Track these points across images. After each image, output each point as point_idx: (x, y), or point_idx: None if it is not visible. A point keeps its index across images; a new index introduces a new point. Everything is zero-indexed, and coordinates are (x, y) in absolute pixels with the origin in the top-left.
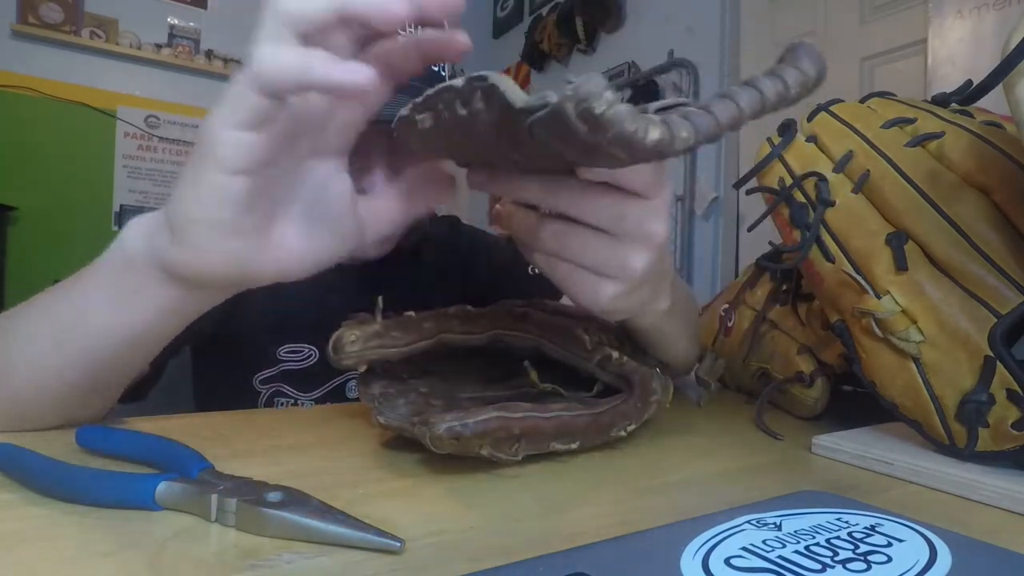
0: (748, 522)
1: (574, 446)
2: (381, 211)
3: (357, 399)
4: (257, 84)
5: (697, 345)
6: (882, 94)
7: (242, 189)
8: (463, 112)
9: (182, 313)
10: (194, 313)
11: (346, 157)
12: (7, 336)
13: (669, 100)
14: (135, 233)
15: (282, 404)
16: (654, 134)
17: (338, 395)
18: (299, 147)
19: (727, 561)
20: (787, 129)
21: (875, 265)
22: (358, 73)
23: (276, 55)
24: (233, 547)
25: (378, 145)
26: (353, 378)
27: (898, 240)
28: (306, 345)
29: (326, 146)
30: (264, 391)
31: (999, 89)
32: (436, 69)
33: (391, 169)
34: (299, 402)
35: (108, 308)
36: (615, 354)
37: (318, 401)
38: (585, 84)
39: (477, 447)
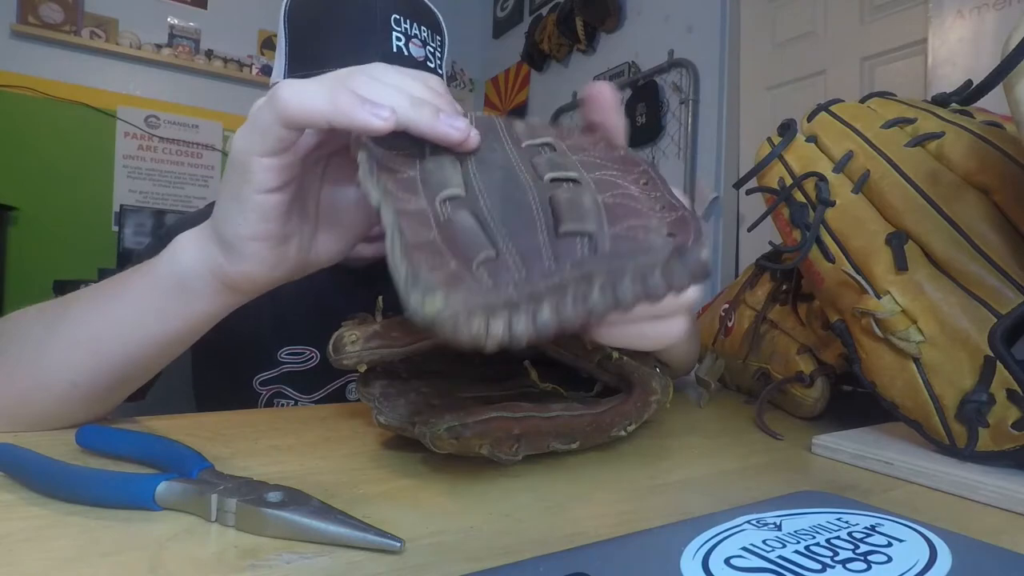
0: (748, 522)
1: (574, 446)
2: None
3: (358, 401)
4: (283, 120)
5: (697, 344)
6: (882, 94)
7: (280, 203)
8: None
9: (221, 316)
10: (229, 312)
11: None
12: (30, 340)
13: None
14: (188, 253)
15: (282, 406)
16: (476, 332)
17: (339, 397)
18: (318, 155)
19: (727, 561)
20: (787, 129)
21: (875, 265)
22: (379, 116)
23: (302, 93)
24: (233, 547)
25: None
26: (354, 381)
27: (898, 240)
28: (307, 347)
29: (335, 149)
30: (264, 392)
31: (999, 89)
32: (432, 67)
33: None
34: (299, 404)
35: (155, 321)
36: (615, 354)
37: (318, 403)
38: (413, 291)
39: (477, 447)
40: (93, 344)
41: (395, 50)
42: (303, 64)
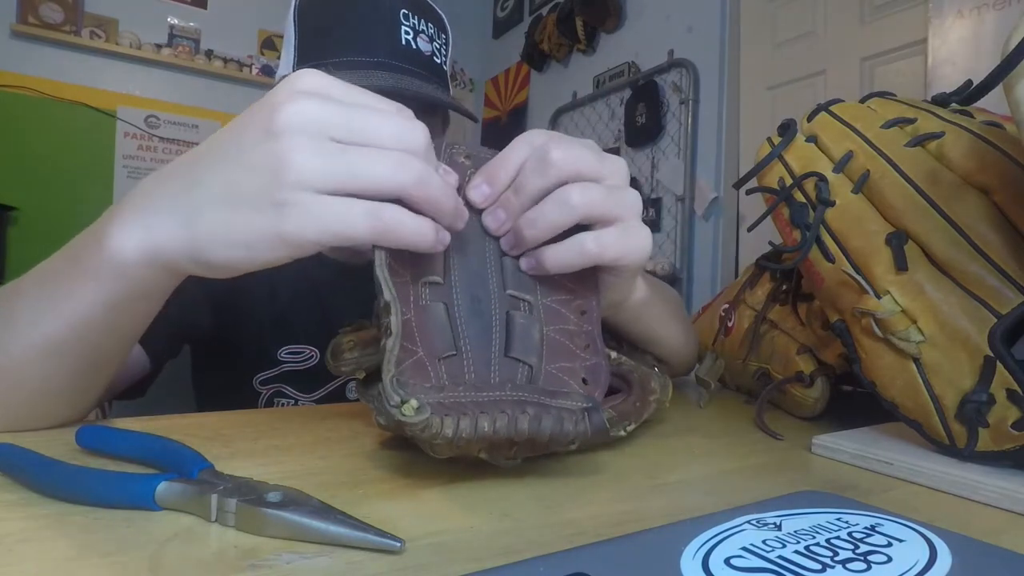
0: (748, 522)
1: (573, 447)
2: None
3: (358, 401)
4: (338, 235)
5: (692, 337)
6: (882, 94)
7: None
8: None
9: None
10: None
11: None
12: None
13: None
14: (130, 254)
15: (283, 405)
16: (434, 431)
17: (339, 396)
18: None
19: (727, 561)
20: (787, 129)
21: (875, 265)
22: (441, 241)
23: (351, 213)
24: (233, 547)
25: None
26: (354, 379)
27: (898, 240)
28: (307, 346)
29: None
30: (264, 392)
31: (999, 89)
32: (439, 62)
33: None
34: (300, 402)
35: (112, 314)
36: (613, 354)
37: (318, 402)
38: (385, 405)
39: (476, 451)
40: (52, 346)
41: (403, 43)
42: (312, 56)
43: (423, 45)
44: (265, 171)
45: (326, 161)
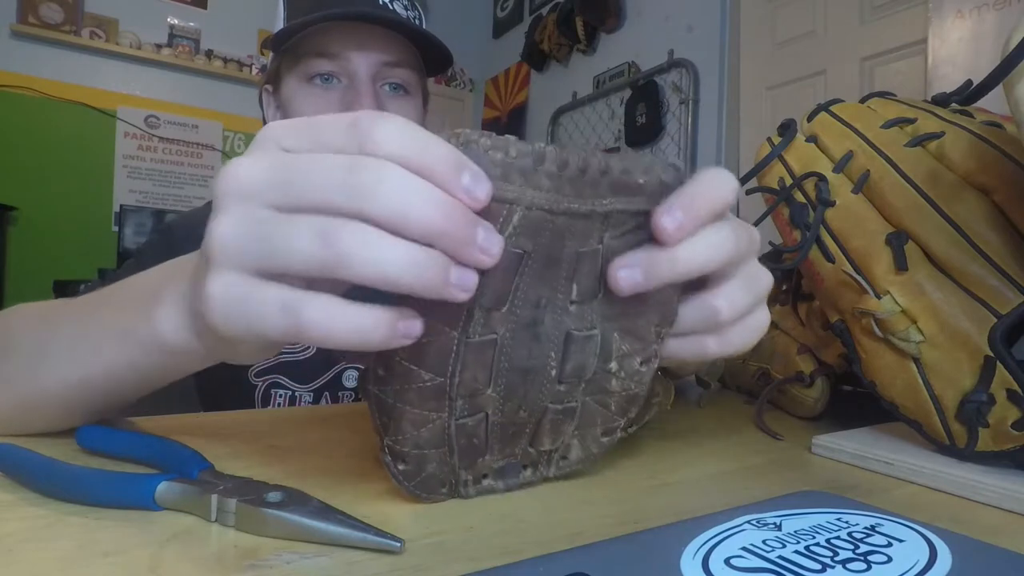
0: (748, 522)
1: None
2: None
3: (355, 388)
4: (253, 335)
5: None
6: (882, 94)
7: None
8: None
9: None
10: None
11: None
12: (23, 354)
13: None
14: (169, 333)
15: (280, 395)
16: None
17: (336, 385)
18: None
19: (727, 561)
20: (787, 129)
21: (875, 265)
22: (408, 335)
23: (263, 306)
24: (233, 547)
25: None
26: (349, 368)
27: (898, 240)
28: None
29: None
30: (260, 384)
31: (999, 89)
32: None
33: None
34: (296, 394)
35: (148, 377)
36: None
37: (315, 392)
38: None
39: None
40: (83, 383)
41: (382, 3)
42: (300, 10)
43: (399, 9)
44: (202, 250)
45: (246, 234)
